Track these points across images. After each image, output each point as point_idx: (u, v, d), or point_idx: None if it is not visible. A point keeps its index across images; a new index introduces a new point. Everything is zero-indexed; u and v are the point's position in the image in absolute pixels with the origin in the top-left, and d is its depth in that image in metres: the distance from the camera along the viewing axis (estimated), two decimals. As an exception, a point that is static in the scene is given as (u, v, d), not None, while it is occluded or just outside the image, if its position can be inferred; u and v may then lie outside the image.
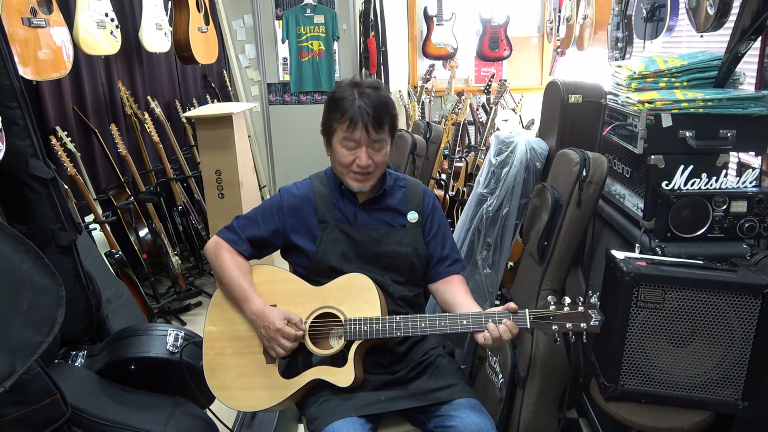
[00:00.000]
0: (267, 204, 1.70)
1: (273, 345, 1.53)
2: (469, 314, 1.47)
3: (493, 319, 1.43)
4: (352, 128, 1.54)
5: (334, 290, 1.59)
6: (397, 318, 1.49)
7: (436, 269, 1.71)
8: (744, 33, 1.69)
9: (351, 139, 1.55)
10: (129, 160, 3.29)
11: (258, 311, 1.56)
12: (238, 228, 1.68)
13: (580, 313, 1.41)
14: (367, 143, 1.56)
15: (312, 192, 1.68)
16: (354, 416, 1.45)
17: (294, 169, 5.18)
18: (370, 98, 1.54)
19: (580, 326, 1.40)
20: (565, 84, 2.29)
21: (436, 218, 1.73)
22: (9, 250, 1.32)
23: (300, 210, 1.66)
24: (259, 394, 1.57)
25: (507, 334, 1.41)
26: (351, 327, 1.51)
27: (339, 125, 1.56)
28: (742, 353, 1.56)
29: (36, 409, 1.39)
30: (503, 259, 2.48)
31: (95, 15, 2.90)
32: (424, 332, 1.48)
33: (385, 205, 1.68)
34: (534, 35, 4.99)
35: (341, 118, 1.55)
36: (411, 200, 1.70)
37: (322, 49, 4.84)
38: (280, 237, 1.68)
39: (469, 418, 1.46)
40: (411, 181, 1.76)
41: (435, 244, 1.71)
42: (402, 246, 1.65)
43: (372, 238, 1.64)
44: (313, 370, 1.53)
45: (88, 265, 2.01)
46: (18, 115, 1.66)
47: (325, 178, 1.71)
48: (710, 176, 1.73)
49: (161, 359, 1.83)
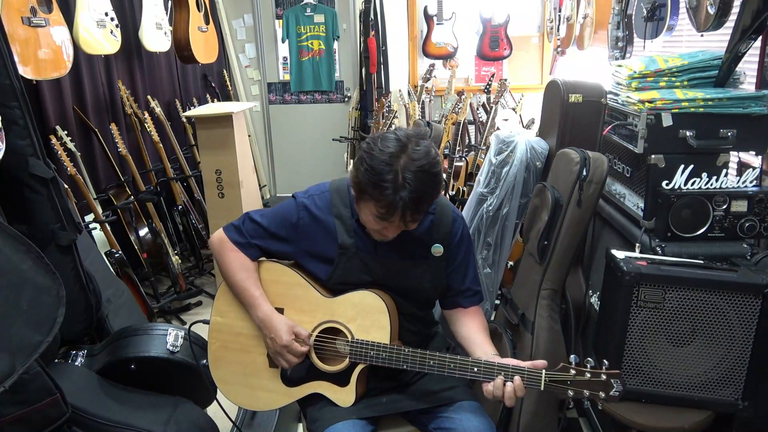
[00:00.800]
0: (280, 215, 1.55)
1: (279, 359, 1.50)
2: (482, 362, 1.38)
3: (505, 373, 1.35)
4: (389, 215, 1.34)
5: (344, 305, 1.51)
6: (405, 350, 1.43)
7: (453, 299, 1.62)
8: (744, 32, 1.69)
9: (383, 219, 1.36)
10: (129, 160, 3.29)
11: (265, 318, 1.50)
12: (246, 232, 1.56)
13: (601, 381, 1.30)
14: (399, 225, 1.40)
15: (331, 214, 1.52)
16: (355, 418, 1.45)
17: (294, 169, 5.19)
18: (417, 184, 1.31)
19: (598, 395, 1.30)
20: (565, 83, 2.29)
21: (462, 249, 1.59)
22: (9, 250, 1.32)
23: (316, 232, 1.53)
24: (260, 395, 1.57)
25: (510, 400, 1.33)
26: (356, 349, 1.46)
27: (373, 201, 1.34)
28: (743, 353, 1.56)
29: (36, 409, 1.39)
30: (503, 259, 2.48)
31: (95, 14, 2.89)
32: (431, 371, 1.41)
33: (410, 236, 1.50)
34: (534, 35, 4.98)
35: (377, 201, 1.33)
36: (438, 230, 1.55)
37: (322, 49, 4.84)
38: (291, 257, 1.58)
39: (469, 422, 1.45)
40: (441, 206, 1.56)
41: (457, 276, 1.59)
42: (422, 282, 1.55)
43: (391, 272, 1.53)
44: (315, 383, 1.52)
45: (88, 264, 2.01)
46: (18, 114, 1.66)
47: (347, 196, 1.53)
48: (710, 176, 1.73)
49: (161, 359, 1.83)
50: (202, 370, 1.83)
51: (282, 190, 5.23)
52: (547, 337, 1.95)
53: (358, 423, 1.44)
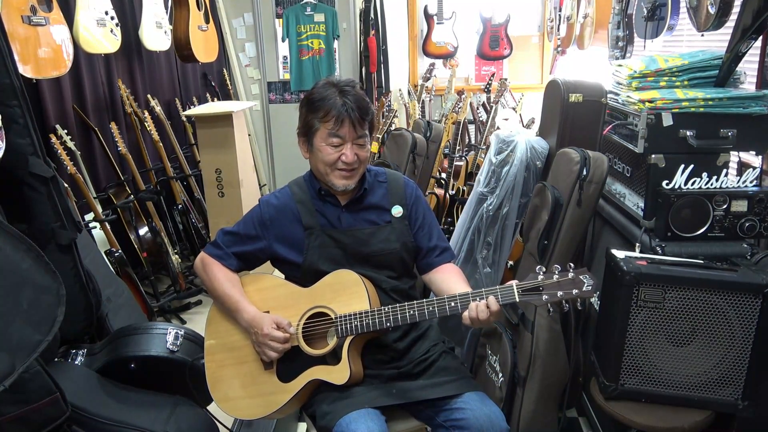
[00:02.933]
0: (248, 218, 1.69)
1: (264, 350, 1.55)
2: (456, 296, 1.44)
3: (480, 297, 1.41)
4: (339, 125, 1.54)
5: (322, 289, 1.59)
6: (385, 309, 1.49)
7: (426, 260, 1.71)
8: (745, 32, 1.69)
9: (336, 136, 1.55)
10: (129, 159, 3.29)
11: (250, 319, 1.58)
12: (223, 244, 1.68)
13: (570, 279, 1.36)
14: (353, 139, 1.57)
15: (292, 200, 1.66)
16: (368, 407, 1.47)
17: (294, 168, 5.16)
18: (353, 96, 1.56)
19: (572, 293, 1.35)
20: (565, 83, 2.29)
21: (420, 209, 1.72)
22: (9, 249, 1.32)
23: (281, 220, 1.66)
24: (261, 401, 1.58)
25: (483, 313, 1.38)
26: (342, 324, 1.52)
27: (321, 124, 1.56)
28: (742, 353, 1.56)
29: (36, 408, 1.39)
30: (503, 259, 2.48)
31: (95, 13, 2.89)
32: (414, 319, 1.48)
33: (368, 204, 1.67)
34: (534, 34, 4.98)
35: (325, 117, 1.55)
36: (393, 194, 1.69)
37: (322, 48, 4.84)
38: (266, 252, 1.68)
39: (480, 410, 1.47)
40: (391, 174, 1.74)
41: (422, 235, 1.70)
42: (390, 243, 1.65)
43: (359, 239, 1.64)
44: (310, 371, 1.54)
45: (88, 263, 2.01)
46: (18, 113, 1.66)
47: (304, 184, 1.69)
48: (711, 175, 1.73)
49: (161, 358, 1.83)
50: (202, 368, 1.83)
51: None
52: (547, 336, 1.95)
53: (372, 412, 1.46)
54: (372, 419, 1.43)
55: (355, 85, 1.60)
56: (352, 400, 1.49)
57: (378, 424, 1.44)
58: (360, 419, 1.42)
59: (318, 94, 1.58)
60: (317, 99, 1.57)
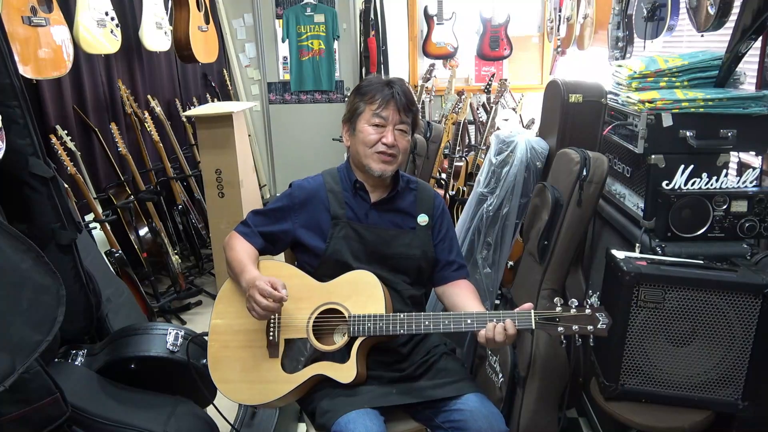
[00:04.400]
0: (279, 199, 1.72)
1: (251, 304, 1.49)
2: (474, 313, 1.46)
3: (497, 319, 1.42)
4: (383, 106, 1.59)
5: (339, 286, 1.59)
6: (400, 316, 1.49)
7: (442, 273, 1.72)
8: (745, 32, 1.69)
9: (380, 116, 1.60)
10: (129, 159, 3.29)
11: (250, 279, 1.53)
12: (251, 223, 1.70)
13: (587, 315, 1.39)
14: (395, 123, 1.60)
15: (324, 188, 1.69)
16: (368, 407, 1.47)
17: (294, 168, 5.19)
18: (400, 86, 1.63)
19: (587, 329, 1.38)
20: (565, 83, 2.29)
21: (445, 223, 1.75)
22: (9, 249, 1.32)
23: (310, 206, 1.67)
24: (261, 387, 1.57)
25: (500, 335, 1.40)
26: (355, 323, 1.52)
27: (367, 105, 1.62)
28: (742, 353, 1.56)
29: (36, 408, 1.39)
30: (503, 259, 2.48)
31: (95, 14, 2.89)
32: (428, 330, 1.48)
33: (396, 207, 1.70)
34: (534, 35, 4.98)
35: (371, 99, 1.61)
36: (422, 203, 1.72)
37: (323, 48, 4.84)
38: (290, 235, 1.69)
39: (478, 410, 1.48)
40: (422, 184, 1.77)
41: (442, 248, 1.72)
42: (411, 248, 1.66)
43: (382, 238, 1.65)
44: (316, 365, 1.54)
45: (88, 264, 2.01)
46: (18, 113, 1.66)
47: (338, 176, 1.72)
48: (711, 176, 1.73)
49: (161, 358, 1.83)
50: (202, 369, 1.83)
51: (282, 190, 5.22)
52: (547, 337, 1.95)
53: (371, 412, 1.46)
54: (371, 419, 1.43)
55: (403, 81, 1.67)
56: (352, 399, 1.49)
57: (377, 424, 1.44)
58: (359, 419, 1.42)
59: (368, 82, 1.66)
60: (366, 85, 1.65)
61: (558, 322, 1.39)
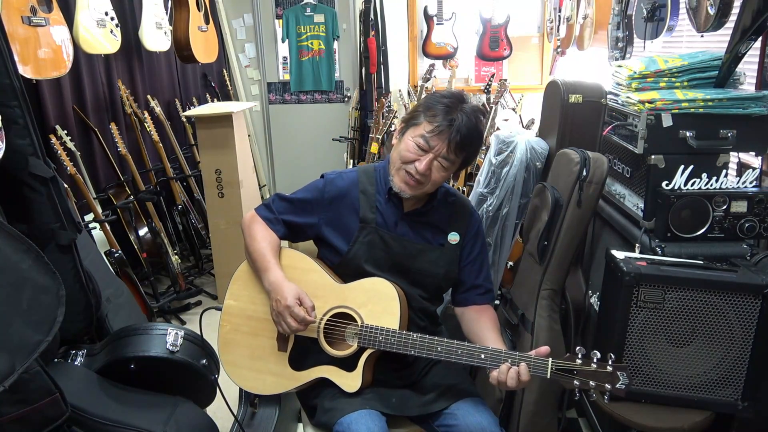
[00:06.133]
0: (308, 190, 1.63)
1: (280, 321, 1.50)
2: (489, 349, 1.40)
3: (512, 360, 1.37)
4: (436, 133, 1.47)
5: (356, 291, 1.55)
6: (414, 336, 1.45)
7: (466, 295, 1.66)
8: (744, 33, 1.69)
9: (427, 141, 1.48)
10: (129, 159, 3.29)
11: (275, 282, 1.51)
12: (275, 209, 1.63)
13: (607, 372, 1.31)
14: (438, 155, 1.49)
15: (356, 187, 1.60)
16: (369, 408, 1.46)
17: (294, 169, 5.19)
18: (468, 121, 1.48)
19: (604, 387, 1.30)
20: (565, 84, 2.29)
21: (478, 244, 1.66)
22: (9, 249, 1.32)
23: (340, 204, 1.60)
24: (267, 379, 1.57)
25: (513, 381, 1.34)
26: (366, 334, 1.48)
27: (425, 121, 1.49)
28: (742, 353, 1.56)
29: (36, 408, 1.38)
30: (503, 259, 2.48)
31: (95, 14, 2.89)
32: (439, 357, 1.43)
33: (429, 220, 1.62)
34: (534, 35, 4.98)
35: (433, 118, 1.48)
36: (456, 220, 1.64)
37: (322, 49, 4.84)
38: (314, 230, 1.63)
39: (472, 418, 1.46)
40: (460, 199, 1.67)
41: (471, 270, 1.65)
42: (436, 266, 1.60)
43: (408, 251, 1.59)
44: (322, 368, 1.53)
45: (88, 264, 2.01)
46: (18, 113, 1.66)
47: (374, 175, 1.63)
48: (710, 176, 1.73)
49: (161, 358, 1.83)
50: (201, 369, 1.83)
51: (282, 190, 5.22)
52: (547, 337, 1.95)
53: (373, 413, 1.45)
54: (373, 420, 1.43)
55: (478, 114, 1.51)
56: (354, 400, 1.48)
57: (379, 425, 1.43)
58: (361, 420, 1.42)
59: (443, 98, 1.51)
60: (438, 99, 1.51)
61: (575, 375, 1.32)
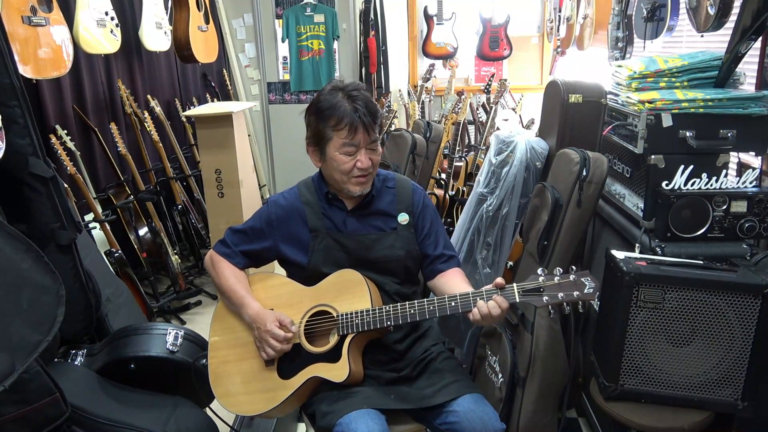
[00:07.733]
0: (256, 218, 1.70)
1: (264, 346, 1.56)
2: (457, 295, 1.46)
3: (481, 297, 1.42)
4: (353, 133, 1.52)
5: (326, 288, 1.60)
6: (386, 308, 1.51)
7: (431, 267, 1.71)
8: (744, 33, 1.69)
9: (351, 145, 1.54)
10: (129, 159, 3.29)
11: (254, 314, 1.59)
12: (231, 242, 1.69)
13: (571, 281, 1.35)
14: (366, 144, 1.56)
15: (300, 201, 1.67)
16: (367, 407, 1.47)
17: (294, 168, 5.17)
18: (362, 100, 1.54)
19: (573, 295, 1.34)
20: (565, 84, 2.29)
21: (428, 217, 1.71)
22: (9, 249, 1.32)
23: (288, 221, 1.66)
24: (261, 397, 1.58)
25: (496, 309, 1.39)
26: (343, 321, 1.53)
27: (335, 133, 1.54)
28: (742, 353, 1.56)
29: (36, 408, 1.39)
30: (503, 259, 2.48)
31: (95, 13, 2.89)
32: (414, 318, 1.49)
33: (374, 210, 1.67)
34: (534, 35, 4.98)
35: (337, 125, 1.53)
36: (400, 201, 1.69)
37: (322, 48, 4.84)
38: (272, 251, 1.69)
39: (473, 413, 1.47)
40: (400, 180, 1.73)
41: (428, 243, 1.70)
42: (395, 249, 1.65)
43: (363, 244, 1.64)
44: (310, 368, 1.54)
45: (88, 264, 2.01)
46: (18, 113, 1.66)
47: (312, 186, 1.69)
48: (710, 176, 1.73)
49: (161, 358, 1.84)
50: (201, 369, 1.83)
51: (282, 190, 5.22)
52: (547, 337, 1.95)
53: (372, 412, 1.46)
54: (372, 419, 1.43)
55: (361, 89, 1.57)
56: (352, 400, 1.49)
57: (379, 424, 1.44)
58: (360, 419, 1.42)
59: (326, 102, 1.55)
60: (326, 107, 1.54)
61: (542, 292, 1.36)
